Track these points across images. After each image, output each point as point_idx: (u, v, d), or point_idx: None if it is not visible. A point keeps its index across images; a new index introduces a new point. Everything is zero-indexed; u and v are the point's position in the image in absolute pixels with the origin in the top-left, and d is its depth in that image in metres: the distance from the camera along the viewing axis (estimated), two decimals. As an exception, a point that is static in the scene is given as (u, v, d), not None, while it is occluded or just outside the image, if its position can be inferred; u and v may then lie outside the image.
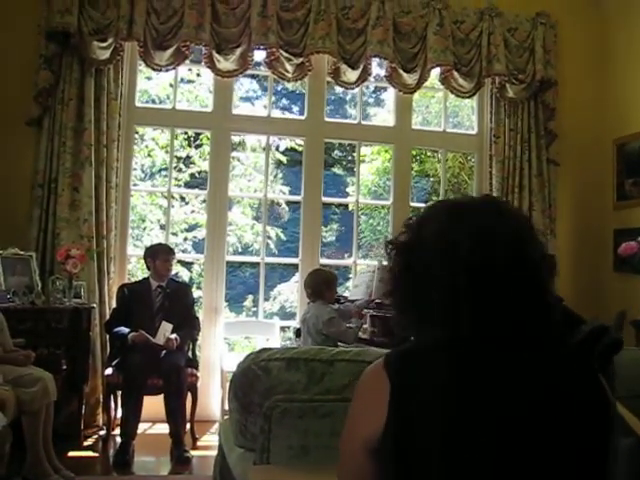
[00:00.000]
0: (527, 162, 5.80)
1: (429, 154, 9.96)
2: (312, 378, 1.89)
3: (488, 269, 1.21)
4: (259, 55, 5.55)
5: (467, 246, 1.21)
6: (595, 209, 5.93)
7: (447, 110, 6.56)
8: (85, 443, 4.67)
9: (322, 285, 4.34)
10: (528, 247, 1.26)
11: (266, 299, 8.79)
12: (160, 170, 9.75)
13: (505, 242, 1.23)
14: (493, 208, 1.30)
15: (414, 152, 8.15)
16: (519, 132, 5.83)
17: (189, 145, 9.83)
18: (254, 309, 8.88)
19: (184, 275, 9.29)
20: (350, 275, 5.96)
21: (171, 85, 7.39)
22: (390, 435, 1.17)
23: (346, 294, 5.35)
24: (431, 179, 10.45)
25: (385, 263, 1.39)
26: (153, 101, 9.39)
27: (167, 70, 5.38)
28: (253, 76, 10.18)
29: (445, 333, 1.22)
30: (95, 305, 4.94)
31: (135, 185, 6.42)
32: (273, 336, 5.68)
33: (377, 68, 6.11)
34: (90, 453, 4.54)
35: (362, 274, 5.18)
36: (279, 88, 10.76)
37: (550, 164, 5.89)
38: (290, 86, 10.17)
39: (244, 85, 10.95)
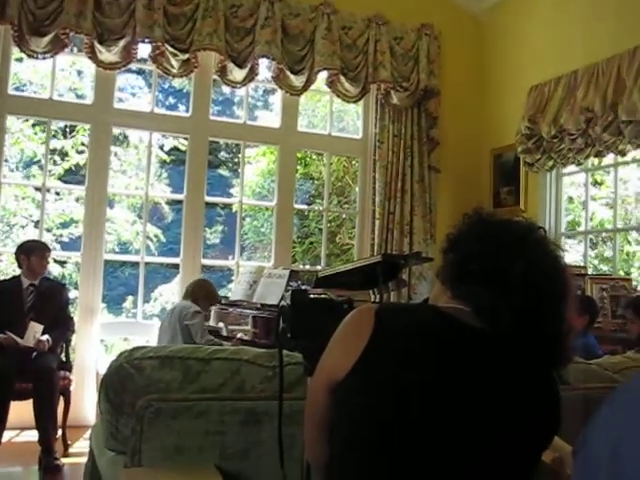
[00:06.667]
0: (409, 168, 5.94)
1: (314, 157, 10.03)
2: (187, 376, 1.83)
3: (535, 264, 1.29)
4: (144, 49, 5.39)
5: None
6: (472, 215, 6.14)
7: (333, 114, 6.62)
8: (-56, 452, 4.36)
9: (202, 294, 4.72)
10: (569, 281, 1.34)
11: (147, 301, 8.54)
12: (28, 165, 9.26)
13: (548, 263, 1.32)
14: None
15: (299, 154, 8.19)
16: (402, 138, 5.97)
17: (64, 136, 9.38)
18: (134, 310, 8.61)
19: (56, 272, 8.88)
20: (233, 277, 5.88)
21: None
22: (357, 372, 1.21)
23: (229, 295, 5.29)
24: (315, 182, 10.52)
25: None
26: (25, 87, 8.90)
27: (45, 58, 5.12)
28: (138, 72, 9.90)
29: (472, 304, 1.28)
30: (-42, 304, 4.61)
31: (5, 177, 5.99)
32: (152, 337, 5.51)
33: (265, 71, 6.08)
34: (-51, 463, 4.24)
35: (243, 274, 5.14)
36: (165, 86, 10.53)
37: (431, 170, 6.06)
38: (177, 85, 10.00)
39: (128, 80, 10.63)
